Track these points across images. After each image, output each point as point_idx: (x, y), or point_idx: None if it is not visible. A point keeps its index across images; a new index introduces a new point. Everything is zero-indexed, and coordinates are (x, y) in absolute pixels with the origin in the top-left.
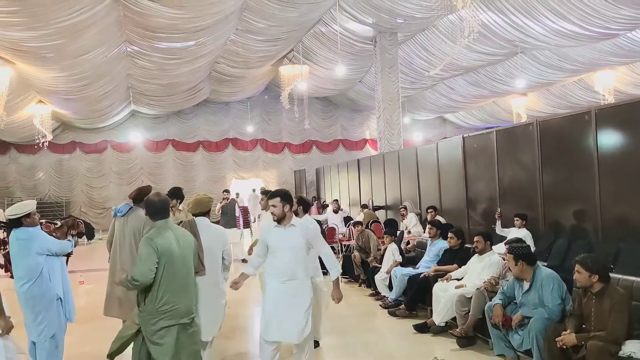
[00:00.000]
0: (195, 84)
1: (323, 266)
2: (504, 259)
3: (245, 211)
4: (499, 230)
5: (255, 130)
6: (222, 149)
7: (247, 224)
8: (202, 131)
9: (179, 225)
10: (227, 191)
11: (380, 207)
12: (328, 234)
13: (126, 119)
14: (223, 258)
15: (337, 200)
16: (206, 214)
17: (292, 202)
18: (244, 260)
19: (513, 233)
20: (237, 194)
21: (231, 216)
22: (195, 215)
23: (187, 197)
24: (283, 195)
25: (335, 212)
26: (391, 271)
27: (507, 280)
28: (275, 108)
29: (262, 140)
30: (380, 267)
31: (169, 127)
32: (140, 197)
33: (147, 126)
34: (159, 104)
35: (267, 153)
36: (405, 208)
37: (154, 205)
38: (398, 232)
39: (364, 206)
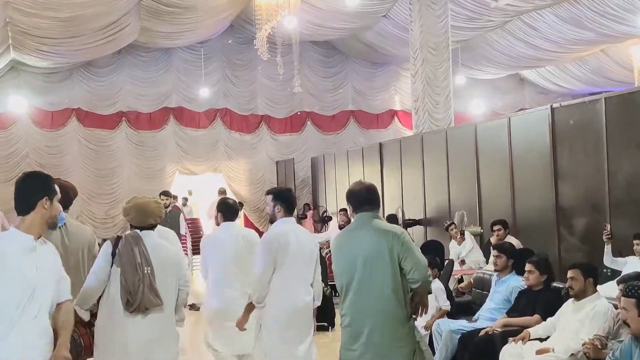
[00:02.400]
0: (114, 18)
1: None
2: (617, 307)
3: (196, 226)
4: (608, 260)
5: (213, 95)
6: (159, 126)
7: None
8: (127, 96)
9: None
10: (166, 194)
11: (415, 222)
12: (330, 261)
13: (2, 75)
14: (179, 289)
15: (345, 210)
16: (153, 226)
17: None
18: (192, 307)
19: (632, 265)
20: (185, 200)
21: (173, 229)
22: (138, 228)
23: (101, 200)
24: (277, 193)
25: (343, 227)
26: (433, 324)
27: (622, 341)
28: (245, 59)
29: (223, 111)
30: (415, 318)
31: (73, 89)
32: (66, 199)
33: (37, 87)
34: (56, 51)
35: (231, 132)
36: (454, 224)
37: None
38: (445, 262)
39: (389, 219)
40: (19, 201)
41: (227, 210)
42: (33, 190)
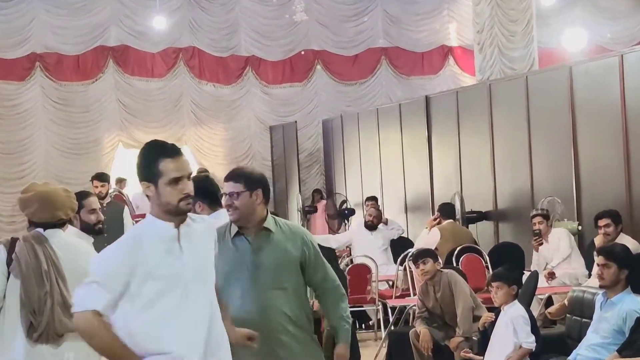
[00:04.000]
0: None
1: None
2: None
3: None
4: None
5: (173, 27)
6: (92, 75)
7: None
8: (42, 31)
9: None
10: (101, 179)
11: (480, 216)
12: (352, 277)
13: None
14: None
15: (375, 198)
16: (62, 224)
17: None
18: None
19: None
20: (119, 184)
21: (115, 232)
22: (41, 225)
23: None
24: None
25: (372, 226)
26: None
27: None
28: None
29: (189, 51)
30: None
31: None
32: None
33: None
34: None
35: (201, 83)
36: (544, 217)
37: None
38: (524, 275)
39: (443, 211)
40: None
41: (208, 191)
42: None
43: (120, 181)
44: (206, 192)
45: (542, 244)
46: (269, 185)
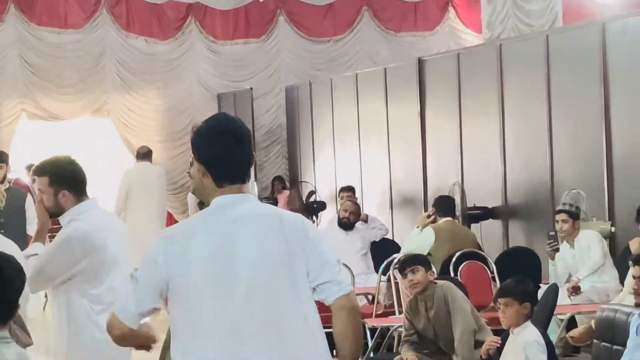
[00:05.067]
0: None
1: None
2: None
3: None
4: None
5: None
6: None
7: None
8: None
9: None
10: None
11: (486, 212)
12: None
13: None
14: None
15: (352, 189)
16: None
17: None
18: None
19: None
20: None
21: (14, 225)
22: None
23: None
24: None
25: (348, 224)
26: None
27: None
28: None
29: None
30: None
31: None
32: None
33: None
34: None
35: (129, 37)
36: (570, 214)
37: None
38: (541, 290)
39: (439, 206)
40: None
41: (73, 178)
42: None
43: (31, 168)
44: (72, 179)
45: (557, 250)
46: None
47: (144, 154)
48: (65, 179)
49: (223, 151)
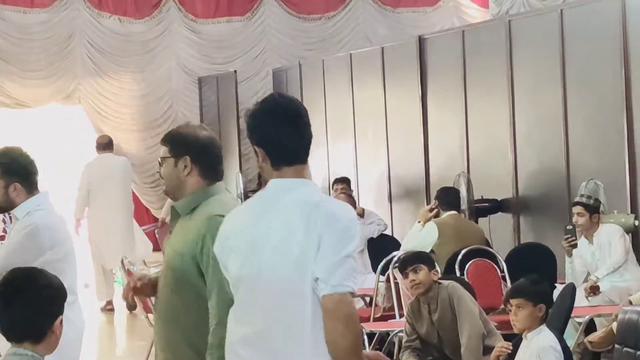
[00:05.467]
0: None
1: None
2: None
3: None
4: None
5: None
6: None
7: None
8: None
9: None
10: None
11: (495, 205)
12: None
13: None
14: None
15: (346, 181)
16: None
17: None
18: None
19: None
20: None
21: None
22: None
23: None
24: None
25: None
26: None
27: None
28: None
29: None
30: None
31: None
32: None
33: None
34: None
35: (102, 16)
36: (587, 207)
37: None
38: (555, 289)
39: (443, 199)
40: None
41: (23, 169)
42: None
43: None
44: (24, 171)
45: (575, 246)
46: (209, 150)
47: (105, 145)
48: (18, 170)
49: (280, 131)
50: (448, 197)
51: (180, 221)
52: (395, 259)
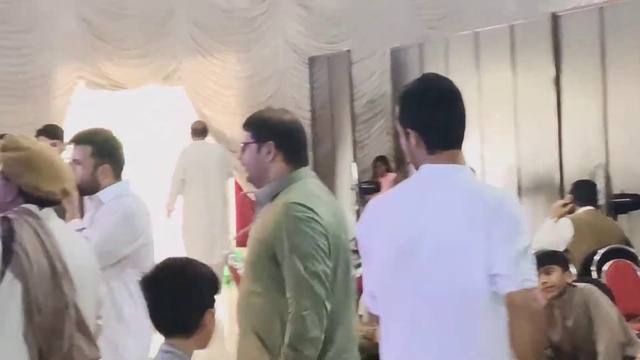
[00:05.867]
0: None
1: None
2: None
3: None
4: None
5: None
6: None
7: None
8: None
9: None
10: (50, 134)
11: (634, 202)
12: None
13: None
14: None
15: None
16: (57, 201)
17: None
18: None
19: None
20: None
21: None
22: (36, 202)
23: None
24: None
25: None
26: None
27: None
28: None
29: None
30: None
31: None
32: None
33: None
34: None
35: None
36: None
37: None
38: None
39: (579, 193)
40: None
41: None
42: None
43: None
44: (116, 154)
45: None
46: (293, 134)
47: (200, 131)
48: (109, 152)
49: (436, 113)
50: (584, 191)
51: (264, 208)
52: None
